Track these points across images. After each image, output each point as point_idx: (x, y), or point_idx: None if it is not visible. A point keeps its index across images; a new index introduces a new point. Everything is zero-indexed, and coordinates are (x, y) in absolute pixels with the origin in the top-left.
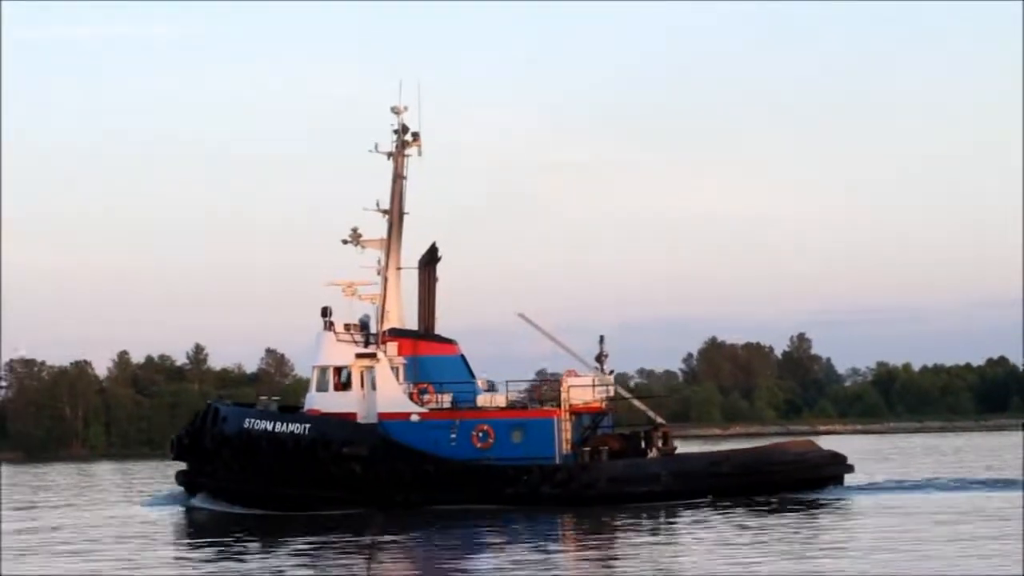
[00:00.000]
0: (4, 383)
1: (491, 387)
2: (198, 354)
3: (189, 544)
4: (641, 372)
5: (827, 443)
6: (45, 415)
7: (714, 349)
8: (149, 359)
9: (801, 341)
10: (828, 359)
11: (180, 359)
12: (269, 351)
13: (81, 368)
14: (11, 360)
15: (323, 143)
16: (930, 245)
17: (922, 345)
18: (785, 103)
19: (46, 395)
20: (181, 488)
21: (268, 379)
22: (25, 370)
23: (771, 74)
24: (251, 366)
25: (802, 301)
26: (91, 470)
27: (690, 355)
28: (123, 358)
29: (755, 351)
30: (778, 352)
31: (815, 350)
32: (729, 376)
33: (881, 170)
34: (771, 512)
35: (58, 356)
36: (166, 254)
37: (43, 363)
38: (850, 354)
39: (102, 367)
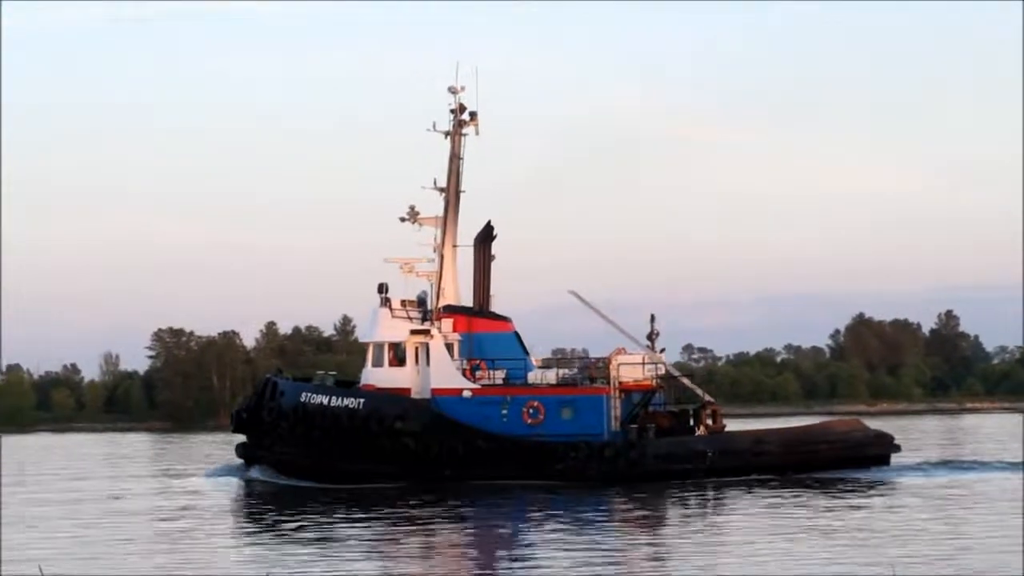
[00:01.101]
0: (152, 353)
1: (547, 364)
2: (345, 325)
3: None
4: (788, 348)
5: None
6: (193, 385)
7: (861, 325)
8: (296, 330)
9: (949, 318)
10: (976, 336)
11: (327, 330)
12: None
13: (229, 339)
14: (159, 330)
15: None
16: None
17: None
18: (920, 78)
19: (194, 365)
20: (241, 460)
21: None
22: (173, 340)
23: (903, 49)
24: None
25: (951, 277)
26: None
27: (837, 331)
28: (271, 329)
29: (902, 328)
30: (925, 329)
31: (963, 327)
32: (876, 353)
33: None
34: (791, 490)
35: (206, 327)
36: (310, 230)
37: (191, 333)
38: (999, 332)
39: (250, 338)
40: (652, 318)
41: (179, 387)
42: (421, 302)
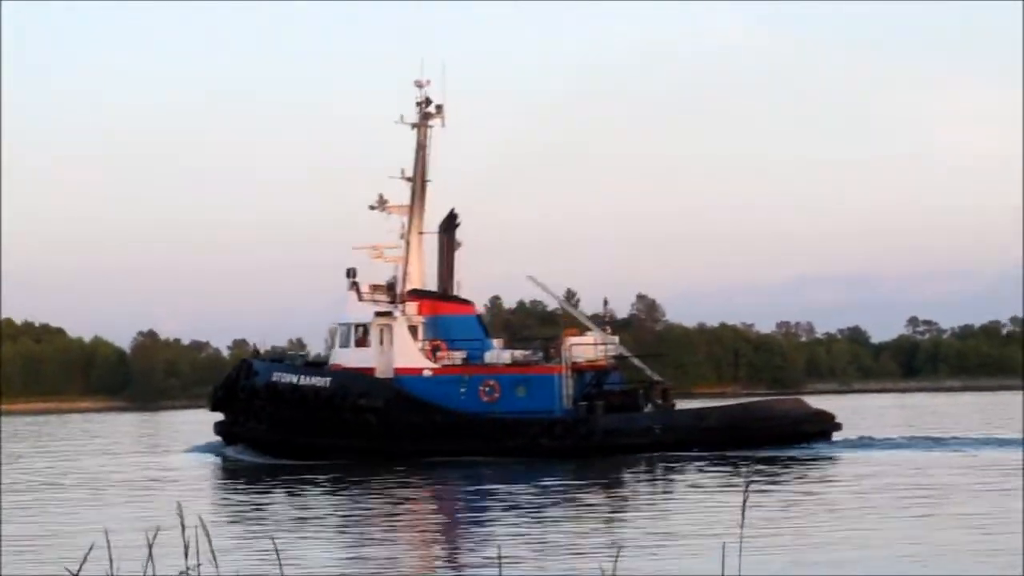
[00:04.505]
0: None
1: (508, 345)
2: (569, 299)
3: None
4: (1015, 320)
5: None
6: None
7: None
8: (521, 304)
9: None
10: None
11: (552, 304)
12: (640, 296)
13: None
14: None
15: None
16: None
17: None
18: None
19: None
20: (219, 437)
21: (639, 324)
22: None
23: None
24: (622, 311)
25: None
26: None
27: None
28: (496, 303)
29: None
30: None
31: None
32: None
33: None
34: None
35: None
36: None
37: None
38: None
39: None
40: (605, 302)
41: None
42: (390, 286)
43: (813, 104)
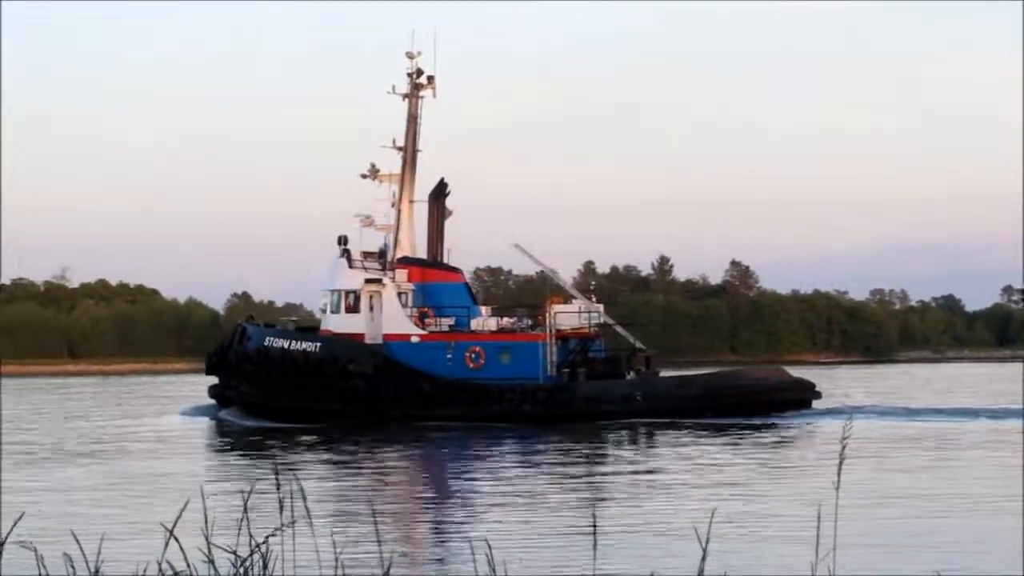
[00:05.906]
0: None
1: (495, 313)
2: (663, 265)
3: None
4: None
5: None
6: None
7: None
8: (614, 269)
9: None
10: None
11: (645, 270)
12: (734, 263)
13: (546, 279)
14: (478, 268)
15: None
16: None
17: None
18: None
19: (511, 303)
20: (213, 400)
21: (733, 291)
22: (491, 279)
23: None
24: (716, 277)
25: None
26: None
27: None
28: (588, 267)
29: None
30: None
31: None
32: None
33: None
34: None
35: (525, 266)
36: (635, 168)
37: (509, 271)
38: None
39: (567, 277)
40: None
41: None
42: (382, 254)
43: (899, 71)
